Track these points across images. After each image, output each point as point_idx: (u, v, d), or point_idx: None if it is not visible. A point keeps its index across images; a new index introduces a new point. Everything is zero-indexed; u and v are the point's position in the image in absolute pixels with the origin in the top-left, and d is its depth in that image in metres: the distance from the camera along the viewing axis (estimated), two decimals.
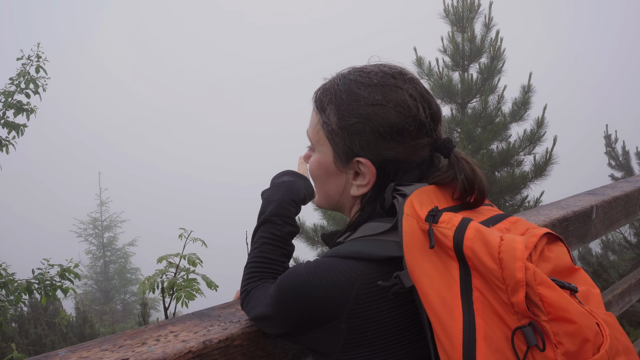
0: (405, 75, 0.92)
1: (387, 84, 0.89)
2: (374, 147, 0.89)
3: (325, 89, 0.96)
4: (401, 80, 0.90)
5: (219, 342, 1.04)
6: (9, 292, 3.44)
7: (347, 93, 0.91)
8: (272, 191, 1.09)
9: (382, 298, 0.81)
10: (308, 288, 0.84)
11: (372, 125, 0.88)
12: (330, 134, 0.93)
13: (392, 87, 0.89)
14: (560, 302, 0.69)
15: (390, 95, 0.88)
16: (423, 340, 0.82)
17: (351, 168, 0.93)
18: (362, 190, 0.92)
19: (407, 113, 0.88)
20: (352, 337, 0.82)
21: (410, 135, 0.88)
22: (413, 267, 0.77)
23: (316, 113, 0.96)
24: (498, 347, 0.70)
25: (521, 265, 0.69)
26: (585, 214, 2.19)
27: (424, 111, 0.88)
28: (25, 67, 4.55)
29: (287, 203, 1.06)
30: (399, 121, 0.87)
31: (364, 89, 0.90)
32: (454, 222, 0.77)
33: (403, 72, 0.93)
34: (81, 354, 0.98)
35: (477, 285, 0.73)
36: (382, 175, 0.90)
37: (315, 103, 0.97)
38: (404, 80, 0.90)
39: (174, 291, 2.23)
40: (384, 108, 0.87)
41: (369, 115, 0.88)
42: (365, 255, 0.83)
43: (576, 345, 0.68)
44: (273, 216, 1.05)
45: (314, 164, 0.99)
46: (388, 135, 0.88)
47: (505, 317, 0.71)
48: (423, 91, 0.91)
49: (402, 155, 0.89)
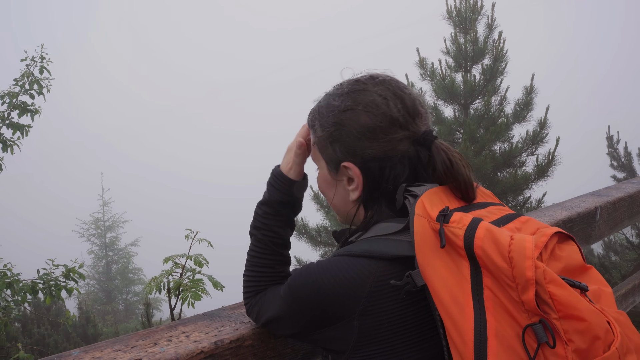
0: (375, 78, 0.97)
1: (356, 90, 0.95)
2: (352, 149, 0.93)
3: (313, 109, 1.03)
4: (371, 83, 0.95)
5: (230, 342, 1.05)
6: (14, 292, 3.45)
7: (325, 107, 0.98)
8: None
9: (394, 296, 0.82)
10: (321, 286, 0.85)
11: (347, 130, 0.93)
12: (319, 148, 0.99)
13: (361, 91, 0.94)
14: (570, 300, 0.70)
15: (359, 98, 0.94)
16: (434, 338, 0.83)
17: (343, 175, 0.97)
18: (356, 193, 0.96)
19: (376, 111, 0.92)
20: (364, 335, 0.83)
21: (382, 131, 0.91)
22: (425, 266, 0.78)
23: (311, 134, 1.03)
24: (509, 344, 0.71)
25: (531, 264, 0.70)
26: (590, 215, 2.20)
27: (395, 107, 0.92)
28: (29, 68, 4.57)
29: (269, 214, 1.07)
30: (369, 120, 0.92)
31: (337, 98, 0.96)
32: (465, 222, 0.78)
33: (373, 76, 0.97)
34: (94, 354, 0.99)
35: (487, 284, 0.74)
36: (368, 175, 0.94)
37: (308, 124, 1.03)
38: (374, 84, 0.95)
39: (180, 292, 2.24)
40: (354, 112, 0.93)
41: (342, 121, 0.94)
42: (377, 254, 0.84)
43: (587, 342, 0.69)
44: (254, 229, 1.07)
45: (319, 180, 1.05)
46: (362, 135, 0.92)
47: (516, 315, 0.71)
48: (396, 89, 0.95)
49: (379, 152, 0.92)
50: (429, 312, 0.83)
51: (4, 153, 4.32)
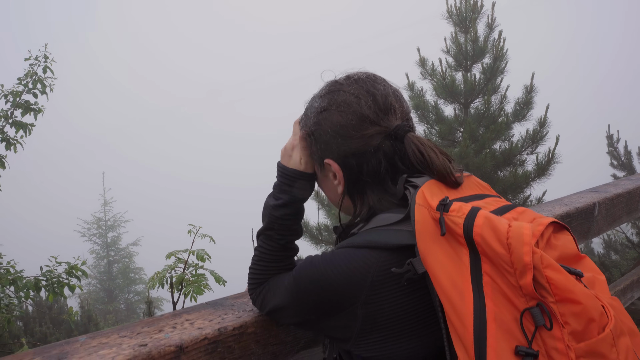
0: (350, 78, 1.01)
1: (332, 90, 1.01)
2: (330, 147, 0.98)
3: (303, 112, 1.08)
4: (346, 83, 1.00)
5: (233, 329, 1.07)
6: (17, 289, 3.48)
7: (309, 108, 1.05)
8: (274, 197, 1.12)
9: (396, 284, 0.85)
10: (325, 277, 0.88)
11: (324, 129, 0.99)
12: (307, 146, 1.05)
13: (336, 91, 1.00)
14: (566, 284, 0.72)
15: (333, 99, 0.99)
16: (435, 325, 0.86)
17: (327, 171, 1.02)
18: (340, 187, 1.01)
19: (347, 110, 0.96)
20: (367, 323, 0.86)
21: (353, 129, 0.95)
22: (425, 254, 0.81)
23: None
24: (507, 327, 0.73)
25: (529, 250, 0.73)
26: (588, 211, 2.22)
27: (365, 104, 0.96)
28: (32, 68, 4.60)
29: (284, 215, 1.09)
30: (342, 119, 0.96)
31: (317, 100, 1.03)
32: (464, 211, 0.80)
33: (349, 76, 1.02)
34: (101, 340, 1.02)
35: (486, 270, 0.76)
36: (347, 170, 0.98)
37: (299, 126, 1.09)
38: (349, 83, 1.00)
39: (182, 286, 2.26)
40: (329, 111, 0.98)
41: (320, 122, 1.00)
42: (379, 244, 0.87)
43: (582, 325, 0.71)
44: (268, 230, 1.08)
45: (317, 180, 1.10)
46: (336, 133, 0.97)
47: (514, 299, 0.74)
48: (369, 87, 0.98)
49: (353, 148, 0.95)
50: (430, 300, 0.85)
51: (7, 151, 4.35)
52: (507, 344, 0.72)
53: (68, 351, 0.97)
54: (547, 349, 0.71)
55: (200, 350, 1.02)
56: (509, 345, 0.72)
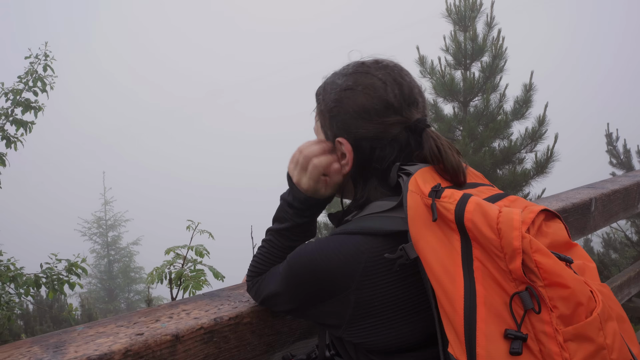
0: (379, 63, 1.01)
1: (359, 72, 1.00)
2: (347, 126, 0.98)
3: (320, 86, 1.07)
4: (374, 67, 0.99)
5: (229, 319, 1.09)
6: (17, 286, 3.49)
7: (330, 84, 1.03)
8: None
9: (389, 270, 0.86)
10: (319, 263, 0.89)
11: (345, 107, 0.98)
12: (320, 121, 1.04)
13: (363, 73, 0.99)
14: (555, 268, 0.73)
15: (360, 80, 0.98)
16: (427, 311, 0.87)
17: (337, 149, 1.01)
18: (346, 168, 1.00)
19: (373, 94, 0.96)
20: (359, 309, 0.87)
21: (377, 114, 0.95)
22: (417, 239, 0.82)
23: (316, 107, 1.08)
24: (497, 311, 0.74)
25: (518, 234, 0.74)
26: (585, 206, 2.23)
27: (392, 92, 0.96)
28: (33, 66, 4.61)
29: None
30: (366, 102, 0.96)
31: (341, 77, 1.01)
32: (456, 197, 0.81)
33: (378, 61, 1.01)
34: (98, 329, 1.03)
35: (477, 255, 0.77)
36: (359, 153, 0.98)
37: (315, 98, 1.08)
38: (377, 68, 0.99)
39: (181, 282, 2.27)
40: (354, 91, 0.97)
41: (342, 99, 0.98)
42: (372, 231, 0.88)
43: (570, 308, 0.72)
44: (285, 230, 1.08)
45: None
46: (357, 115, 0.96)
47: (503, 283, 0.75)
48: (396, 76, 0.99)
49: (372, 132, 0.96)
50: (421, 285, 0.86)
51: (7, 149, 4.37)
52: (496, 327, 0.73)
53: (65, 340, 0.98)
54: (536, 332, 0.72)
55: (196, 339, 1.04)
56: (498, 329, 0.73)
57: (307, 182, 1.03)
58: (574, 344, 0.71)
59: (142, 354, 0.96)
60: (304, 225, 1.08)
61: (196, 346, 1.04)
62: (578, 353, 0.71)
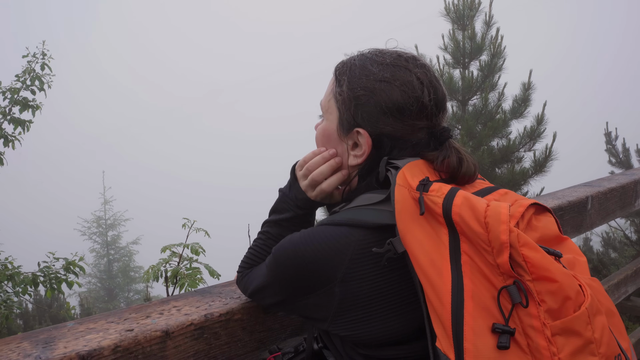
0: (417, 60, 0.97)
1: (397, 65, 0.95)
2: (374, 120, 0.94)
3: (344, 63, 1.01)
4: (412, 64, 0.95)
5: (219, 315, 1.09)
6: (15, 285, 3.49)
7: (360, 68, 0.97)
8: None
9: (375, 264, 0.85)
10: (304, 254, 0.88)
11: (376, 99, 0.93)
12: (339, 103, 0.98)
13: (402, 67, 0.94)
14: (542, 262, 0.73)
15: (398, 74, 0.93)
16: (414, 304, 0.86)
17: (350, 138, 0.98)
18: (357, 160, 0.97)
19: (410, 93, 0.92)
20: (345, 301, 0.86)
21: (410, 115, 0.92)
22: (405, 233, 0.81)
23: (333, 83, 1.01)
24: (485, 305, 0.74)
25: (505, 228, 0.73)
26: (581, 204, 2.23)
27: (428, 95, 0.93)
28: (30, 65, 4.61)
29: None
30: (402, 100, 0.92)
31: (376, 66, 0.95)
32: (444, 191, 0.81)
33: (416, 58, 0.98)
34: (88, 325, 1.03)
35: (465, 249, 0.77)
36: (378, 149, 0.95)
37: (335, 74, 1.02)
38: (415, 65, 0.95)
39: (177, 280, 2.27)
40: (390, 85, 0.93)
41: (375, 90, 0.93)
42: (359, 223, 0.87)
43: (558, 302, 0.72)
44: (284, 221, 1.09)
45: (320, 130, 1.05)
46: (389, 111, 0.92)
47: (491, 277, 0.75)
48: (432, 78, 0.96)
49: (399, 132, 0.93)
50: (409, 279, 0.86)
51: (5, 148, 4.37)
52: (484, 321, 0.73)
53: (55, 336, 0.98)
54: (524, 326, 0.71)
55: (186, 335, 1.03)
56: (486, 323, 0.73)
57: (314, 196, 1.04)
58: (561, 338, 0.71)
59: (132, 350, 0.96)
60: (304, 216, 1.08)
61: (186, 342, 1.03)
62: (566, 347, 0.71)
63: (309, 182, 1.03)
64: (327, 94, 1.03)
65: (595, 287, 0.80)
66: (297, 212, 1.07)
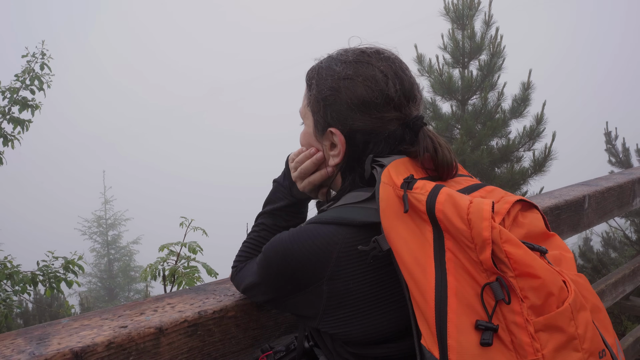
0: (381, 54, 0.98)
1: (360, 61, 0.96)
2: (343, 117, 0.95)
3: (313, 67, 1.03)
4: (375, 58, 0.96)
5: (213, 312, 1.09)
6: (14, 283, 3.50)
7: (326, 69, 0.99)
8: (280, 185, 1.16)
9: (361, 261, 0.86)
10: (292, 253, 0.89)
11: (342, 97, 0.95)
12: (311, 107, 1.01)
13: (364, 63, 0.95)
14: (525, 259, 0.73)
15: (360, 70, 0.95)
16: (400, 302, 0.86)
17: (327, 139, 0.99)
18: (336, 160, 0.99)
19: (374, 87, 0.93)
20: (333, 299, 0.87)
21: (376, 108, 0.93)
22: (389, 231, 0.82)
23: (305, 89, 1.04)
24: (468, 302, 0.74)
25: (487, 225, 0.73)
26: (578, 203, 2.23)
27: (393, 86, 0.94)
28: (30, 64, 4.62)
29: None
30: (366, 94, 0.93)
31: (340, 64, 0.97)
32: (427, 188, 0.81)
33: (380, 52, 0.98)
34: (82, 322, 1.03)
35: (449, 247, 0.77)
36: (352, 146, 0.96)
37: (306, 79, 1.04)
38: (379, 59, 0.96)
39: (174, 278, 2.28)
40: (353, 82, 0.94)
41: (339, 88, 0.95)
42: (345, 221, 0.88)
43: (541, 299, 0.72)
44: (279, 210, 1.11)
45: (301, 136, 1.07)
46: (355, 107, 0.94)
47: (475, 274, 0.75)
48: (397, 70, 0.97)
49: (368, 126, 0.94)
50: (395, 277, 0.86)
51: (4, 147, 4.38)
52: (467, 318, 0.73)
53: (50, 332, 0.98)
54: (507, 323, 0.71)
55: (180, 332, 1.04)
56: (469, 320, 0.73)
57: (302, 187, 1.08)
58: (545, 334, 0.71)
59: (125, 347, 0.97)
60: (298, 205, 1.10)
61: (180, 339, 1.04)
62: (549, 343, 0.71)
63: (297, 174, 1.07)
64: (303, 100, 1.05)
65: (580, 283, 0.80)
66: (291, 200, 1.10)
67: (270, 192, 1.14)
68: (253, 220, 1.17)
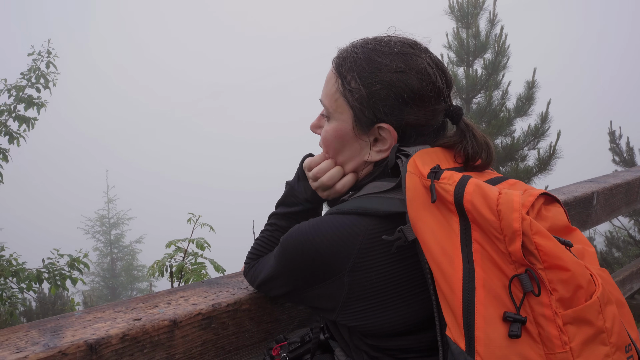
0: (420, 45, 0.96)
1: (407, 53, 0.92)
2: (397, 112, 0.91)
3: (344, 57, 0.96)
4: (418, 49, 0.94)
5: (227, 305, 1.09)
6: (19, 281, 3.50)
7: (367, 61, 0.93)
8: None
9: (385, 252, 0.85)
10: (312, 244, 0.87)
11: (396, 92, 0.90)
12: (352, 101, 0.94)
13: (412, 55, 0.92)
14: (555, 251, 0.72)
15: (411, 63, 0.91)
16: (423, 294, 0.85)
17: (372, 134, 0.95)
18: (382, 155, 0.95)
19: (427, 80, 0.91)
20: (354, 291, 0.86)
21: (430, 101, 0.92)
22: (416, 221, 0.81)
23: (336, 81, 0.97)
24: (496, 294, 0.73)
25: (518, 216, 0.73)
26: (587, 200, 2.22)
27: (440, 78, 0.93)
28: (35, 63, 4.64)
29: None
30: (421, 87, 0.90)
31: (385, 57, 0.92)
32: (455, 179, 0.80)
33: (418, 43, 0.96)
34: (96, 314, 1.03)
35: (476, 238, 0.76)
36: (403, 140, 0.93)
37: (336, 71, 0.97)
38: (420, 50, 0.94)
39: (182, 275, 2.28)
40: (407, 75, 0.90)
41: (392, 82, 0.90)
42: (368, 211, 0.86)
43: (570, 291, 0.71)
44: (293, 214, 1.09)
45: (330, 132, 0.99)
46: (411, 100, 0.90)
47: (503, 266, 0.74)
48: (437, 60, 0.96)
49: (422, 120, 0.92)
50: (419, 268, 0.85)
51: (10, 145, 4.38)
52: (495, 310, 0.72)
53: (63, 324, 0.98)
54: (535, 315, 0.71)
55: (194, 325, 1.03)
56: (497, 312, 0.72)
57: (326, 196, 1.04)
58: (573, 327, 0.70)
59: (140, 339, 0.96)
60: (314, 210, 1.08)
61: (194, 332, 1.03)
62: (577, 336, 0.70)
63: (318, 185, 1.02)
64: (329, 92, 0.98)
65: (605, 278, 0.80)
66: (307, 206, 1.07)
67: (283, 194, 1.10)
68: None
